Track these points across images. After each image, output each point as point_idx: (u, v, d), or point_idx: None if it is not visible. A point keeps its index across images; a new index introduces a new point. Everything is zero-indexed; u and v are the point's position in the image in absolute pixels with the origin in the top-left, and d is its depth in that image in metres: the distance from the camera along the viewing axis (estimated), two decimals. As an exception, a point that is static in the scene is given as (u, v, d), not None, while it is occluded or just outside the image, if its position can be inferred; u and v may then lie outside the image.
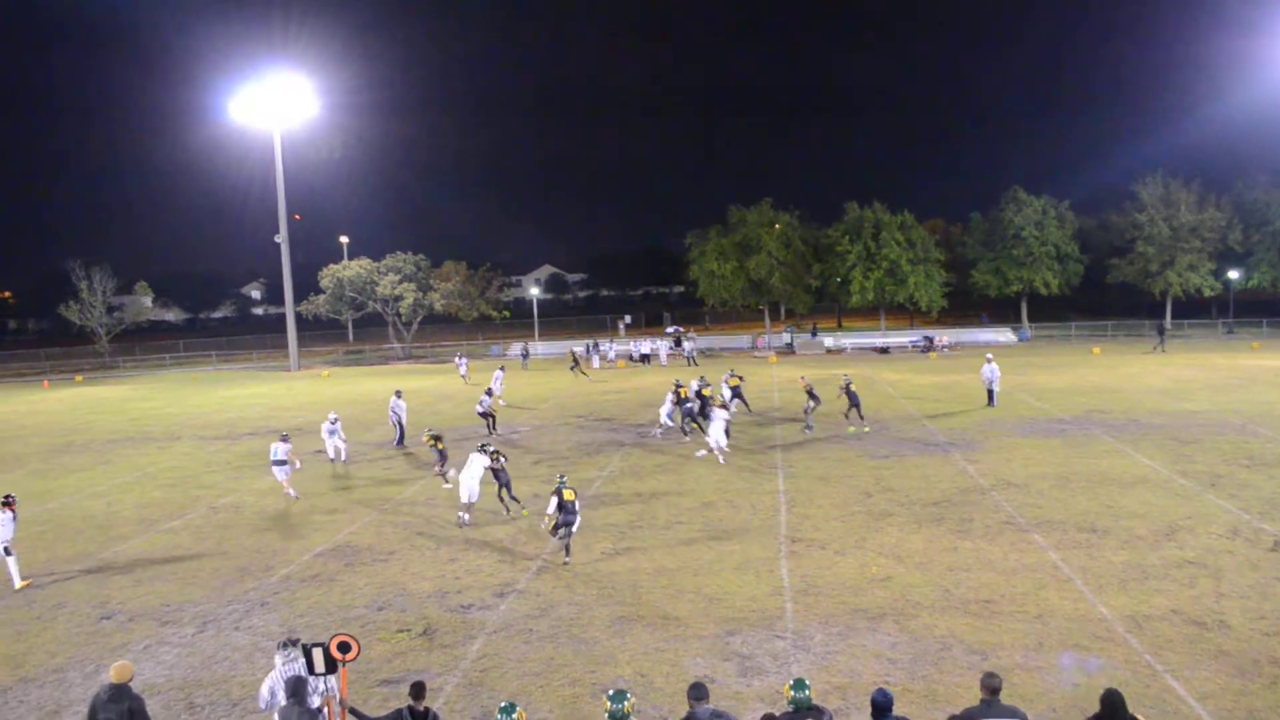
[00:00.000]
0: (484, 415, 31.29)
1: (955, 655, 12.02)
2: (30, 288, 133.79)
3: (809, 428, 28.48)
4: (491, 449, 20.27)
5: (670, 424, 28.99)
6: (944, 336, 61.83)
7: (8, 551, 16.94)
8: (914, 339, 63.78)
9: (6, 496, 17.19)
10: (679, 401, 28.81)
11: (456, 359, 54.07)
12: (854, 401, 28.65)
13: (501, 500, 20.10)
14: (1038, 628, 12.78)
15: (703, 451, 25.80)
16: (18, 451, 32.26)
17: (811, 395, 28.66)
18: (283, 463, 22.68)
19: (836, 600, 14.20)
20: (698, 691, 8.26)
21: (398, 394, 30.45)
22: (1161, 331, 56.50)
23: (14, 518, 16.97)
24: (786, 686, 8.14)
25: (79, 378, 66.32)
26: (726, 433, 25.28)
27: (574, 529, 16.80)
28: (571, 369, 49.73)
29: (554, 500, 16.74)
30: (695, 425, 27.98)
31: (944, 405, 33.68)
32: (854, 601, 14.11)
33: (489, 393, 32.52)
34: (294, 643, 9.75)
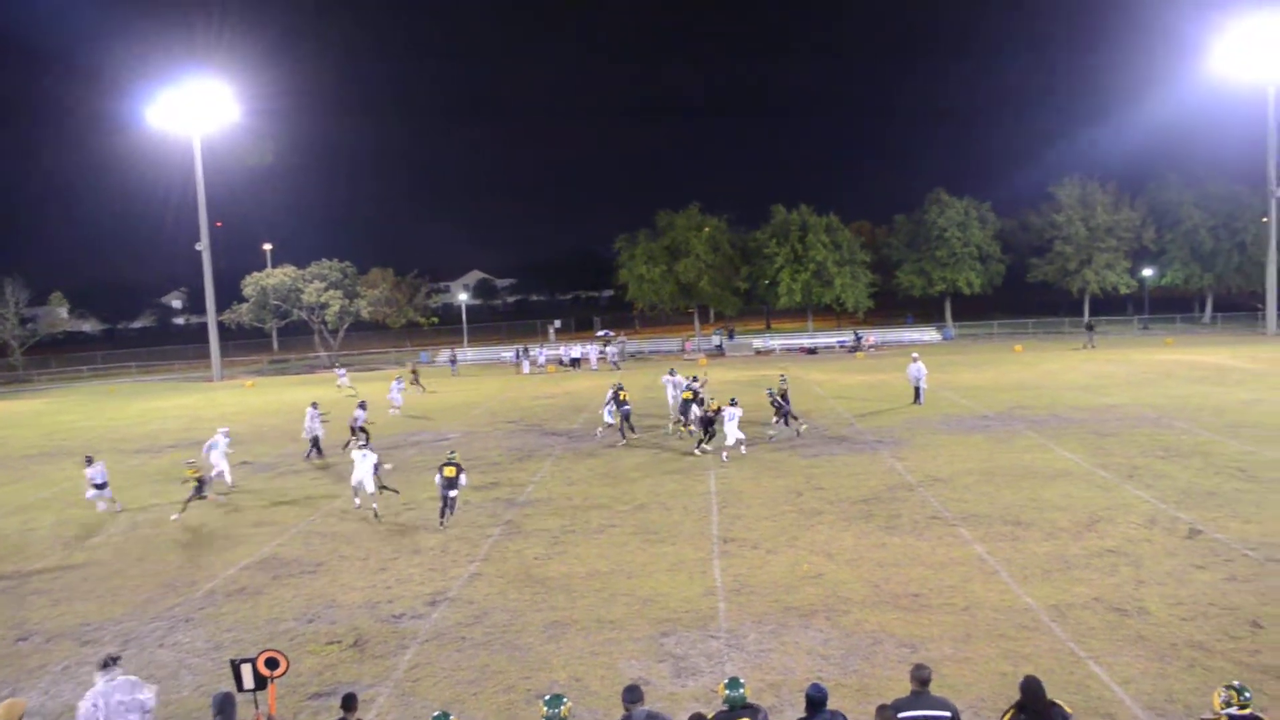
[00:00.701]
0: (356, 430, 28.67)
1: (886, 649, 12.17)
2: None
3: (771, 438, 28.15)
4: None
5: (611, 422, 29.02)
6: (871, 336, 62.71)
7: None
8: (841, 339, 64.59)
9: None
10: (619, 403, 28.95)
11: (336, 370, 52.80)
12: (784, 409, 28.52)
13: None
14: (965, 619, 13.01)
15: (706, 449, 26.08)
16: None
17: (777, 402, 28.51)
18: (102, 485, 22.48)
19: (769, 599, 14.30)
20: (632, 694, 8.26)
21: (314, 405, 29.75)
22: (1090, 329, 58.00)
23: None
24: (721, 685, 8.18)
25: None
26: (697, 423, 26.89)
27: (455, 497, 19.68)
28: (413, 383, 47.10)
29: (437, 474, 19.69)
30: (681, 424, 29.32)
31: (871, 404, 34.13)
32: (786, 599, 14.21)
33: (363, 405, 29.98)
34: (115, 660, 9.29)
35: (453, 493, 19.51)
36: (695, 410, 28.28)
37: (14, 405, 53.86)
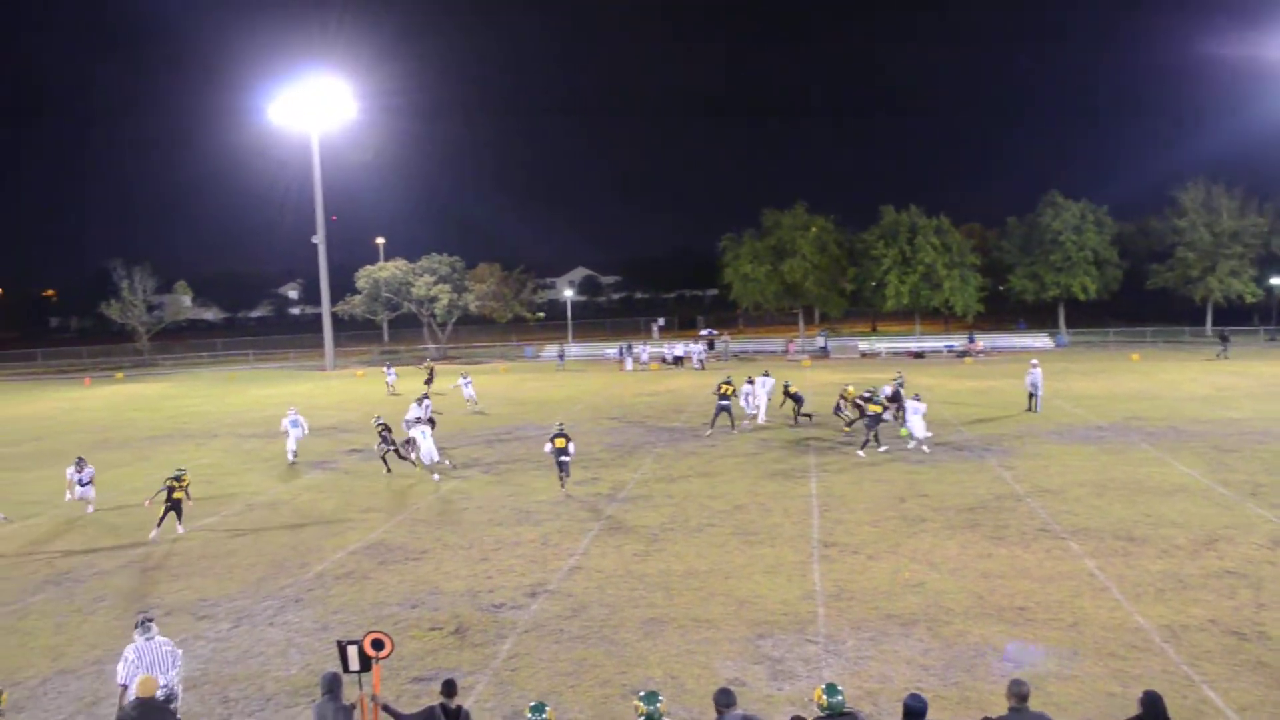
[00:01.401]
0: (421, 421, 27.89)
1: (989, 662, 11.92)
2: (73, 286, 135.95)
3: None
4: (381, 421, 25.59)
5: (752, 413, 31.40)
6: (980, 341, 61.36)
7: None
8: (950, 343, 63.31)
9: None
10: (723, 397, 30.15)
11: (385, 368, 51.38)
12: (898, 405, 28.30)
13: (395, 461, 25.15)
14: (1073, 636, 12.65)
15: (884, 448, 26.08)
16: (59, 448, 32.71)
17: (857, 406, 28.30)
18: (87, 484, 22.28)
19: (869, 605, 14.13)
20: (726, 698, 8.18)
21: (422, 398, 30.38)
22: (1225, 340, 55.13)
23: None
24: (818, 691, 8.09)
25: (119, 375, 67.18)
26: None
27: (567, 462, 22.24)
28: (426, 383, 45.60)
29: (549, 445, 22.21)
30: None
31: (980, 410, 33.42)
32: (886, 607, 14.03)
33: (422, 400, 29.30)
34: (150, 621, 10.32)
35: (565, 458, 22.16)
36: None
37: (139, 388, 56.27)
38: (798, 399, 31.57)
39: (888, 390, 29.10)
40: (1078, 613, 13.49)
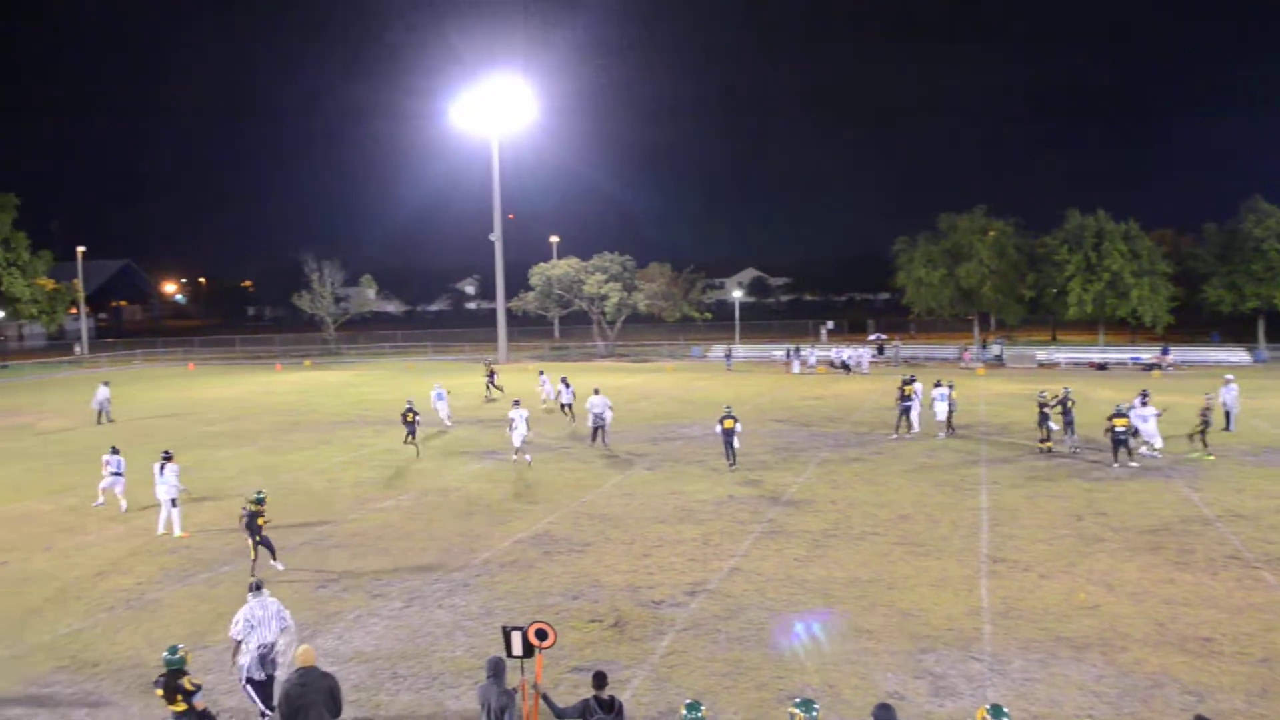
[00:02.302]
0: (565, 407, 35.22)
1: (1168, 694, 11.30)
2: (268, 278, 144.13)
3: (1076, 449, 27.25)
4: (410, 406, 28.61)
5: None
6: (1170, 354, 58.03)
7: (174, 503, 19.41)
8: (1136, 355, 60.15)
9: (166, 452, 19.95)
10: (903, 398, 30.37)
11: (485, 359, 50.17)
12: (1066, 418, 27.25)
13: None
14: (1263, 672, 11.86)
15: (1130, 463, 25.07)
16: (252, 428, 34.78)
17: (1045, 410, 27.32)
18: (119, 474, 22.24)
19: (1039, 626, 13.60)
20: (885, 713, 7.99)
21: (595, 391, 30.95)
22: None
23: (177, 472, 19.53)
24: (982, 711, 7.80)
25: (307, 362, 70.83)
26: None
27: (736, 445, 24.80)
28: (488, 386, 44.69)
29: (718, 426, 24.81)
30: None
31: (1166, 428, 31.63)
32: (1058, 628, 13.47)
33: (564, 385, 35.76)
34: (260, 586, 11.16)
35: (736, 442, 24.68)
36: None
37: (325, 375, 59.19)
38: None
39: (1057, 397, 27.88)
40: (1269, 648, 12.62)
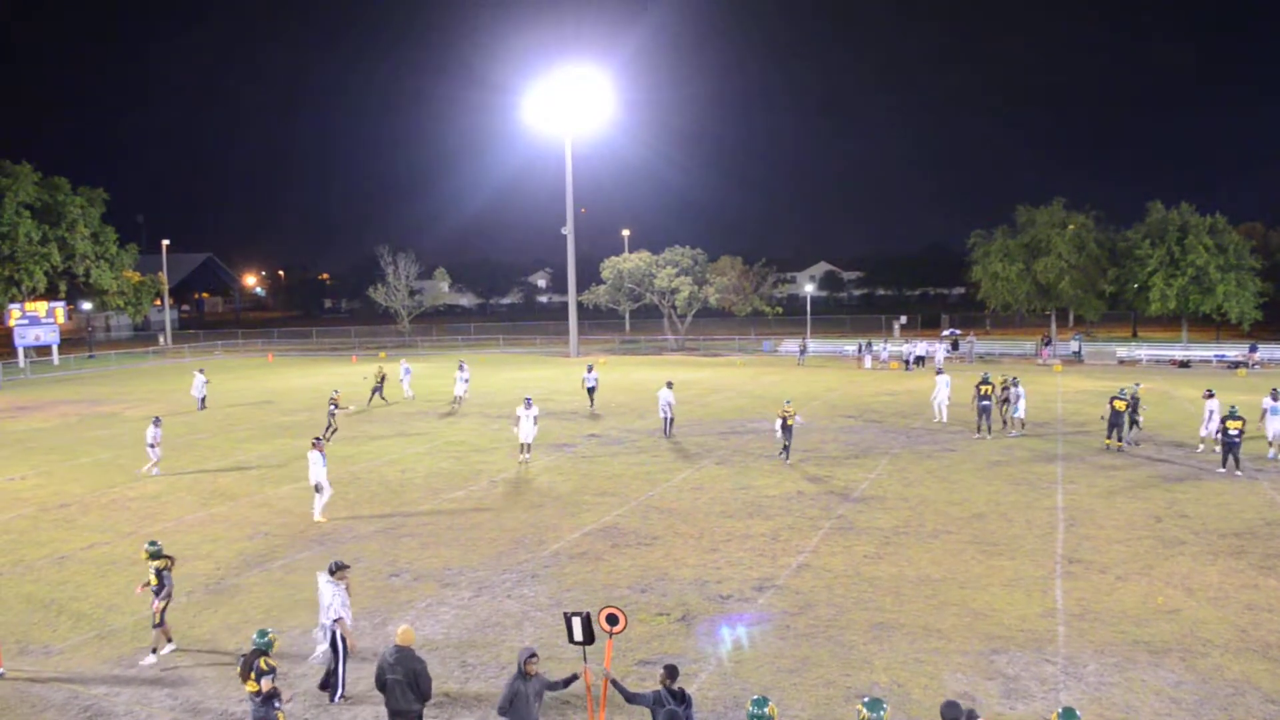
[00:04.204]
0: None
1: (1249, 702, 10.98)
2: (345, 271, 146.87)
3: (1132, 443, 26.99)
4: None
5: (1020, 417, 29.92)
6: (1259, 352, 56.21)
7: (318, 489, 19.87)
8: (1220, 353, 58.42)
9: (315, 439, 20.53)
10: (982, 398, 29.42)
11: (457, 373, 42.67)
12: (1119, 420, 26.82)
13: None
14: (1352, 681, 11.47)
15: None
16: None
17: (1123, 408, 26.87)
18: (154, 445, 24.66)
19: (1115, 629, 13.30)
20: (953, 710, 7.94)
21: (668, 385, 30.97)
22: None
23: (323, 458, 19.97)
24: (1055, 715, 7.68)
25: (382, 354, 71.87)
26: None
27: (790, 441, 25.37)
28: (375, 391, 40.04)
29: (778, 422, 25.44)
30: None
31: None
32: (1135, 632, 13.17)
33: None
34: (341, 567, 11.81)
35: (790, 435, 25.35)
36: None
37: (400, 367, 59.96)
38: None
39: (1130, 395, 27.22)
40: (1359, 656, 12.21)
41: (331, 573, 11.71)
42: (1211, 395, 26.70)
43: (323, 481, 19.89)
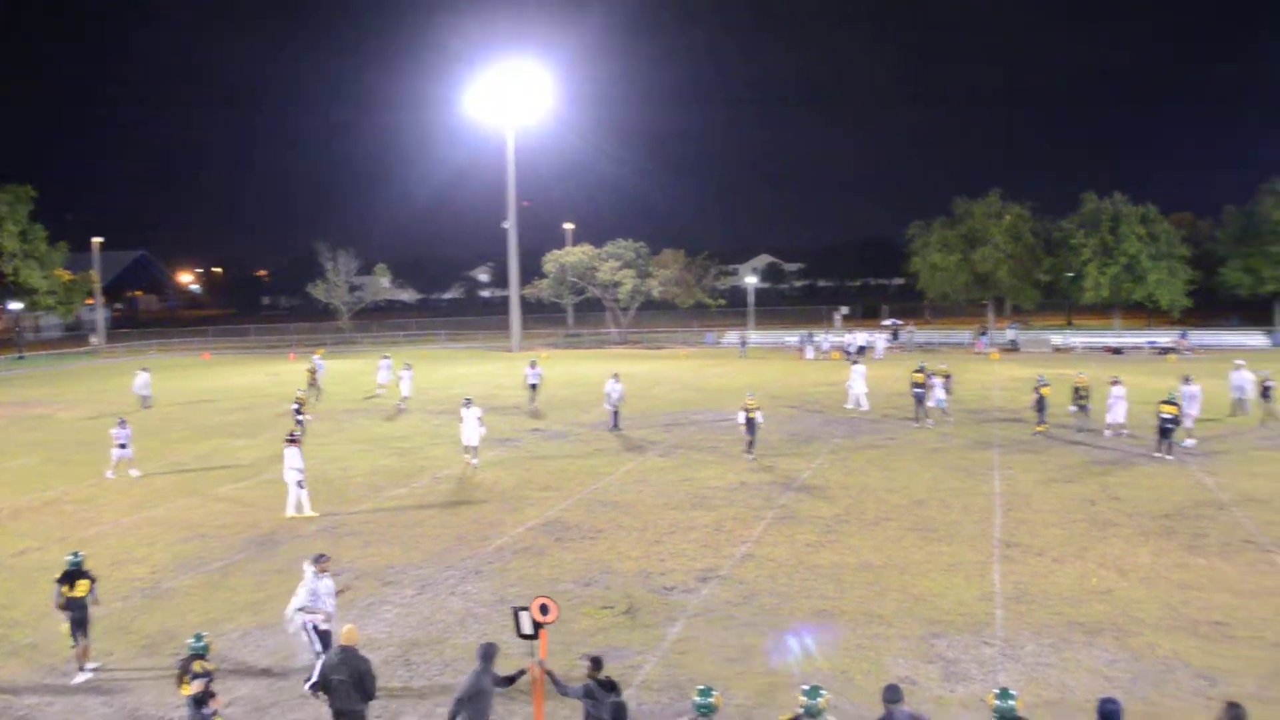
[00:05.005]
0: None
1: (1180, 679, 11.28)
2: (283, 267, 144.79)
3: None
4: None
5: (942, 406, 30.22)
6: (1186, 339, 57.57)
7: (299, 485, 19.76)
8: (1152, 339, 59.76)
9: (291, 434, 20.54)
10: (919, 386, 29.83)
11: (381, 360, 44.04)
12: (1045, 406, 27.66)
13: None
14: (1276, 656, 11.84)
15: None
16: (263, 417, 34.93)
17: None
18: (125, 445, 24.32)
19: (1051, 610, 13.58)
20: (893, 693, 8.12)
21: (615, 377, 30.98)
22: None
23: (299, 455, 19.90)
24: (991, 695, 7.85)
25: (321, 351, 70.97)
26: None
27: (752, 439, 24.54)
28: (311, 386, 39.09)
29: (741, 415, 24.74)
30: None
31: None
32: (1070, 613, 13.45)
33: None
34: (321, 558, 12.06)
35: (753, 430, 24.42)
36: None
37: (340, 365, 59.32)
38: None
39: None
40: (1284, 632, 12.58)
41: (314, 563, 11.93)
42: (1117, 382, 27.26)
43: (299, 478, 19.80)
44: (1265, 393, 28.28)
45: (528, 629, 9.80)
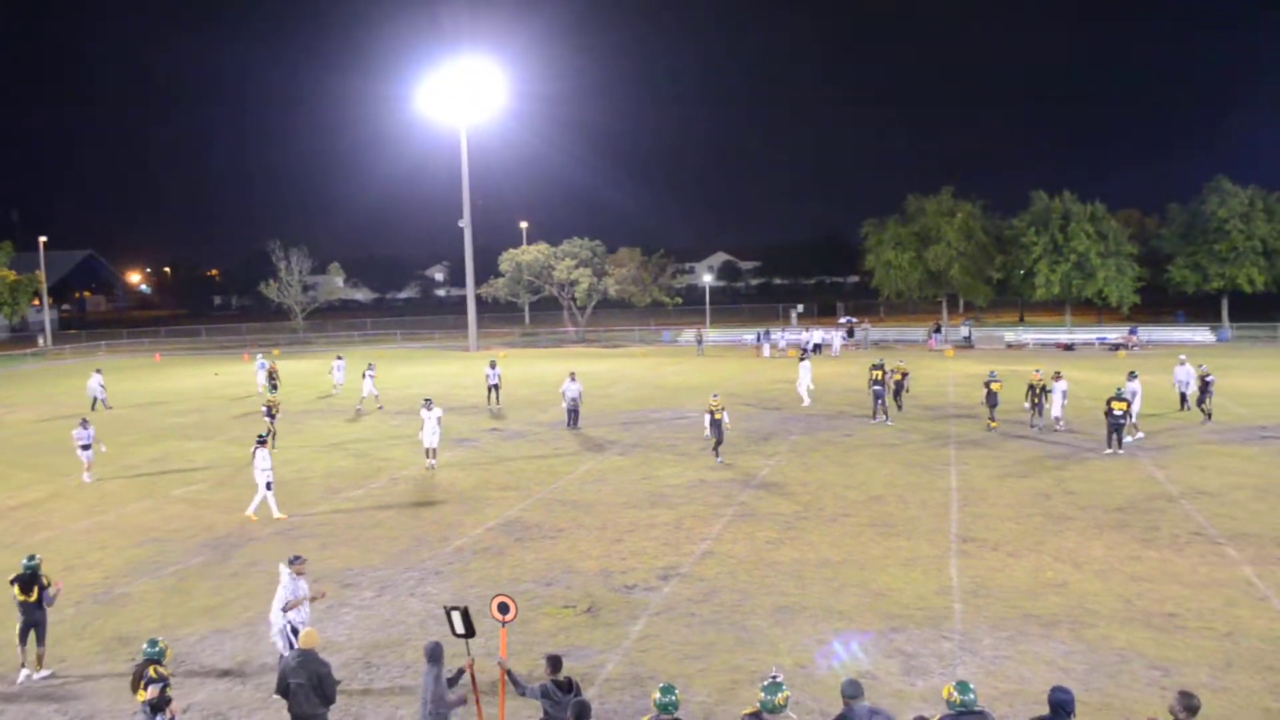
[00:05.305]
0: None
1: (1134, 669, 11.47)
2: (235, 267, 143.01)
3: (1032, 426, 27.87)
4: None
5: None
6: (1138, 334, 58.58)
7: (268, 486, 19.53)
8: (1102, 336, 60.73)
9: (260, 436, 20.20)
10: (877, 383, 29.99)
11: (335, 361, 43.26)
12: (996, 401, 28.15)
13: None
14: (1227, 646, 12.05)
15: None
16: (219, 419, 34.50)
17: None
18: (87, 446, 23.66)
19: (1008, 604, 13.75)
20: (853, 689, 8.14)
21: (571, 376, 30.94)
22: None
23: (268, 457, 19.66)
24: (948, 688, 7.92)
25: (276, 352, 70.22)
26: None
27: (722, 436, 24.13)
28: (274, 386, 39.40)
29: (706, 417, 24.30)
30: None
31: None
32: (1026, 606, 13.63)
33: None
34: (296, 559, 11.95)
35: (719, 431, 24.01)
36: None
37: (294, 365, 58.69)
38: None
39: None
40: (1233, 622, 12.83)
41: (290, 565, 11.84)
42: (1059, 377, 27.81)
43: (268, 479, 19.58)
44: (1205, 387, 28.74)
45: (460, 629, 9.76)
